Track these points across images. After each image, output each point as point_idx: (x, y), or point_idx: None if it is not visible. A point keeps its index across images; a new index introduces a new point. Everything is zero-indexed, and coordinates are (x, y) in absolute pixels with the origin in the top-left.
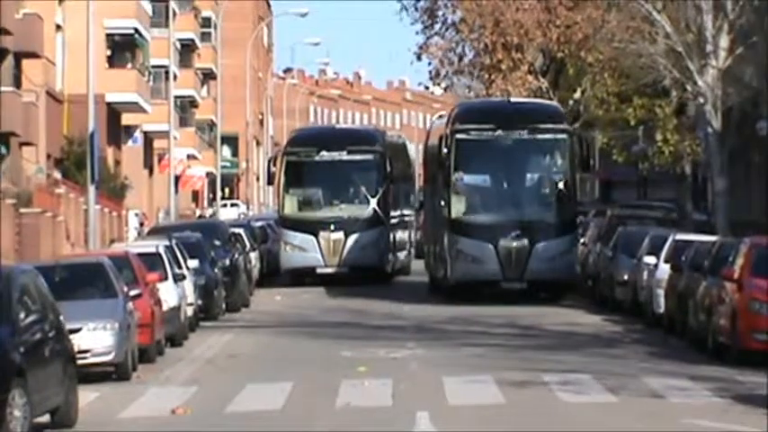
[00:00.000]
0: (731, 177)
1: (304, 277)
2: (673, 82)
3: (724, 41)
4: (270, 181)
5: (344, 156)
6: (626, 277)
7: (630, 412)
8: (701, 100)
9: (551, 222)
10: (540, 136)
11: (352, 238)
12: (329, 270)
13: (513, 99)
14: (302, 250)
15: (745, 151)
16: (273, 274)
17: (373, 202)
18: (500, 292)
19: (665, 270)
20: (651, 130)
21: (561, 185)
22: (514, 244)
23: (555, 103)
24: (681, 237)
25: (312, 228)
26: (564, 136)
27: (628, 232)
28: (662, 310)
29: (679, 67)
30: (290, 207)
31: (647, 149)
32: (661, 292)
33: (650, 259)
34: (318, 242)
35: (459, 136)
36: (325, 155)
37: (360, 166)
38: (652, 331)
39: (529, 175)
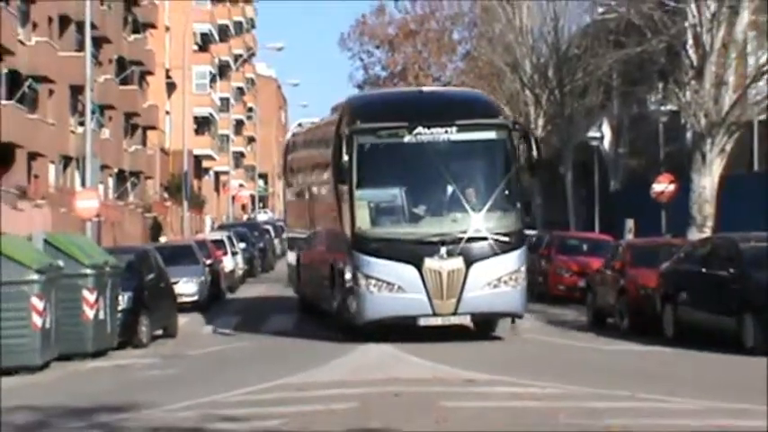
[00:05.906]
0: (545, 197)
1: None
2: None
3: (541, 121)
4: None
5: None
6: None
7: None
8: None
9: (493, 237)
10: (469, 135)
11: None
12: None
13: (425, 88)
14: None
15: (553, 182)
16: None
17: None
18: (429, 331)
19: None
20: None
21: (501, 192)
22: (445, 265)
23: (482, 92)
24: None
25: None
26: (499, 133)
27: None
28: None
29: None
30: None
31: None
32: None
33: None
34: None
35: (361, 140)
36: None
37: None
38: None
39: (459, 182)
